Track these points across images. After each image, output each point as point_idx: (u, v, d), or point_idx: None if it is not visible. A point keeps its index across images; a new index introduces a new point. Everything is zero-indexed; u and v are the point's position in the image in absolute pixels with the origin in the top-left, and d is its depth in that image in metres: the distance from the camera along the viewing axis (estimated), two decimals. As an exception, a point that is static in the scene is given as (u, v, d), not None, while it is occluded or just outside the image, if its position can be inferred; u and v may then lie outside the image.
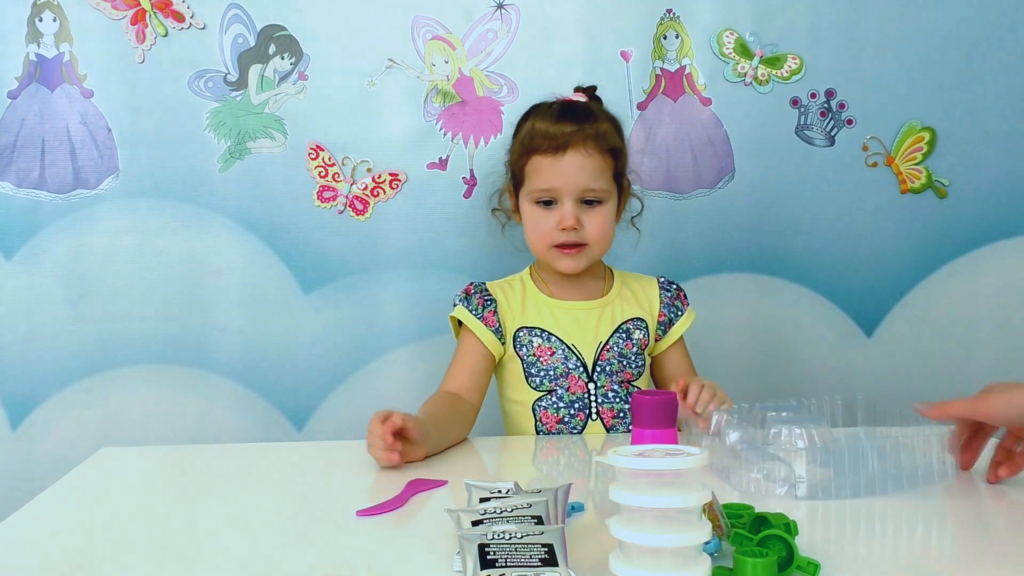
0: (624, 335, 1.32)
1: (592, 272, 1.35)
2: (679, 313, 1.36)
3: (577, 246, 1.27)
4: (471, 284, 1.34)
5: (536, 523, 0.73)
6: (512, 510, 0.76)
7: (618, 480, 0.67)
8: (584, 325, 1.31)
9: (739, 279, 1.69)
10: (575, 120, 1.26)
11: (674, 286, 1.38)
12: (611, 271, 1.38)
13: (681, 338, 1.37)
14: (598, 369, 1.29)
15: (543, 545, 0.68)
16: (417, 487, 0.98)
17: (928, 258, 1.71)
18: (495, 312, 1.31)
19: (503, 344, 1.31)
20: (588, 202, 1.27)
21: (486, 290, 1.33)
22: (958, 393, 1.70)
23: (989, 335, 1.72)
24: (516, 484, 0.86)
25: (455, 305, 1.33)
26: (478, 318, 1.30)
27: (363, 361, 1.65)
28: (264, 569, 0.76)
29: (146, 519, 0.91)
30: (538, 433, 1.30)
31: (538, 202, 1.28)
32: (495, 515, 0.75)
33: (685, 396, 1.11)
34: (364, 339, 1.65)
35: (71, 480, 1.06)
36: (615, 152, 1.28)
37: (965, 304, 1.72)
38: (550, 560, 0.66)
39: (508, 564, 0.65)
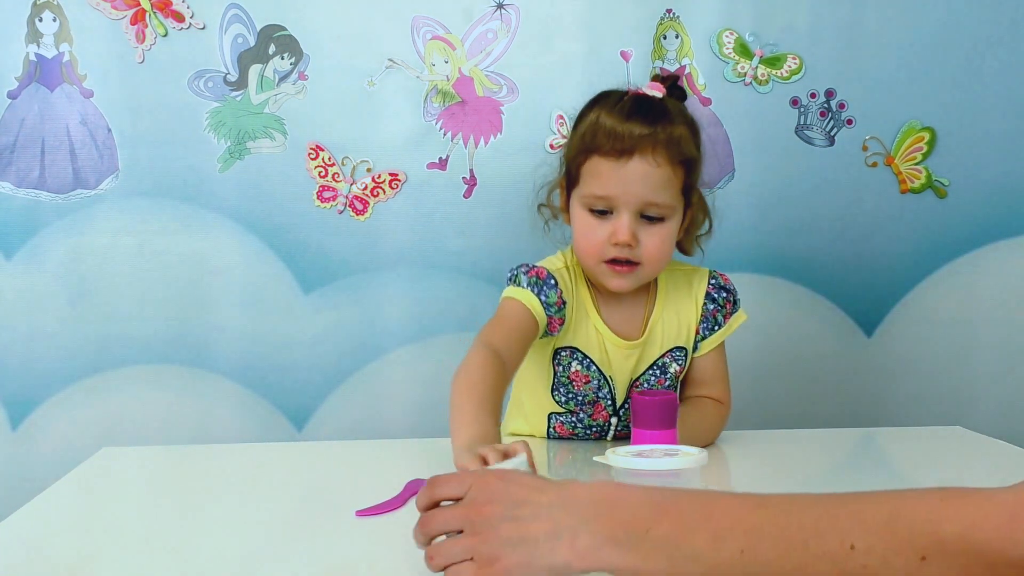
0: (659, 370, 1.19)
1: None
2: (715, 327, 1.20)
3: (629, 264, 1.10)
4: (543, 270, 1.14)
5: None
6: None
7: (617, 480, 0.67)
8: (626, 360, 1.17)
9: (739, 279, 1.67)
10: (647, 120, 1.07)
11: (724, 293, 1.22)
12: (656, 280, 1.21)
13: (720, 346, 1.23)
14: (626, 406, 1.20)
15: None
16: (417, 487, 0.97)
17: (928, 258, 1.71)
18: (563, 323, 1.14)
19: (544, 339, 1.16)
20: (648, 217, 1.09)
21: (561, 292, 1.13)
22: (958, 393, 1.72)
23: (989, 335, 1.72)
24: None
25: (517, 283, 1.14)
26: (546, 314, 1.12)
27: (363, 361, 1.65)
28: (264, 569, 0.76)
29: (146, 519, 0.91)
30: (549, 436, 1.26)
31: (592, 209, 1.10)
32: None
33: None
34: (364, 339, 1.64)
35: (71, 480, 1.06)
36: (688, 163, 1.10)
37: (965, 304, 1.71)
38: None
39: None
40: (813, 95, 1.67)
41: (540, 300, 1.11)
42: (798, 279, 1.70)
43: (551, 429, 1.24)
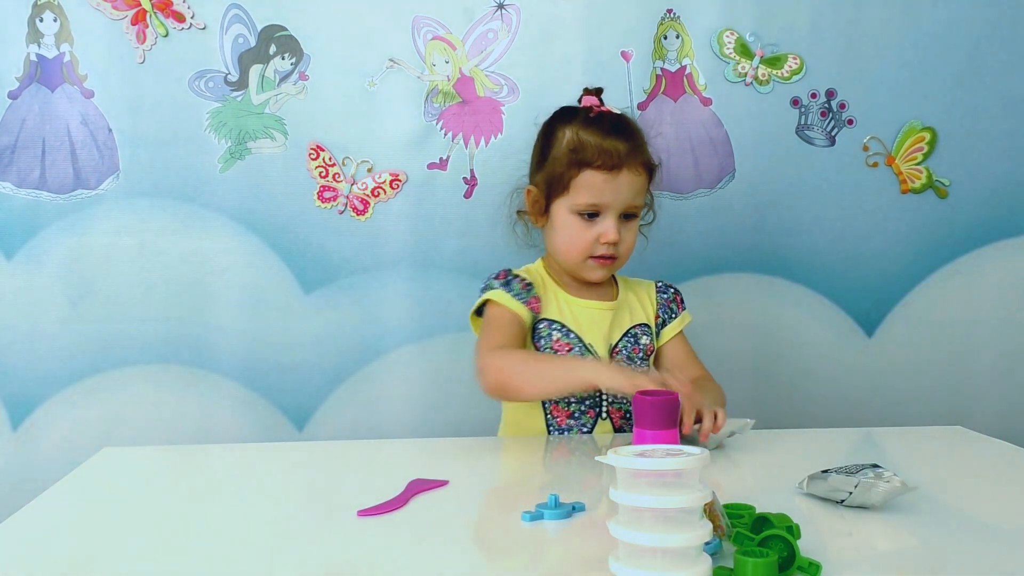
0: (633, 339, 1.33)
1: None
2: (673, 315, 1.38)
3: (612, 257, 1.29)
4: (505, 271, 1.32)
5: None
6: None
7: (618, 480, 0.68)
8: (599, 325, 1.31)
9: (739, 279, 1.69)
10: (625, 137, 1.26)
11: (671, 289, 1.40)
12: (614, 276, 1.39)
13: (680, 334, 1.38)
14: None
15: None
16: (417, 487, 0.98)
17: (928, 258, 1.71)
18: (539, 300, 1.30)
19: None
20: (625, 216, 1.28)
21: (524, 277, 1.31)
22: (958, 393, 1.72)
23: (989, 335, 1.72)
24: None
25: (490, 288, 1.29)
26: (522, 301, 1.28)
27: (363, 361, 1.65)
28: (264, 569, 0.77)
29: (147, 519, 0.92)
30: (548, 427, 1.29)
31: (580, 214, 1.27)
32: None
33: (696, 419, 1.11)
34: (364, 339, 1.64)
35: (72, 480, 1.06)
36: (652, 169, 1.31)
37: (965, 304, 1.72)
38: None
39: None
40: (814, 95, 1.67)
41: (511, 293, 1.28)
42: (798, 279, 1.70)
43: (548, 415, 1.29)
